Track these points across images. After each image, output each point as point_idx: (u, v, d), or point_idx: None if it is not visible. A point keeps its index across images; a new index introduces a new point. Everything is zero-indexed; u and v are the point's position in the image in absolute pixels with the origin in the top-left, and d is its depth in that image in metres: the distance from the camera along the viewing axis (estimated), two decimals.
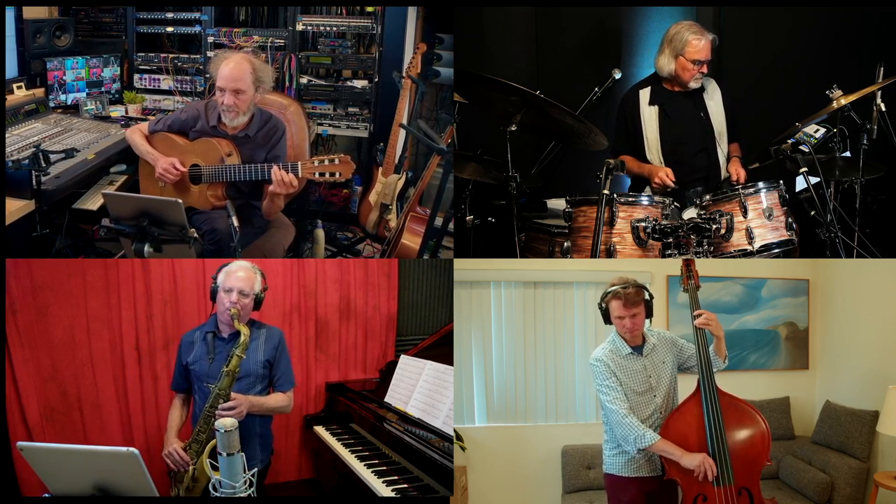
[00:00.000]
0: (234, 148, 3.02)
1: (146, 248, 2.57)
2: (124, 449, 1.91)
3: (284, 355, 2.70)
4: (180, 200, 2.56)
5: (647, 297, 2.47)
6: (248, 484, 2.06)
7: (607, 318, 2.50)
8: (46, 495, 2.08)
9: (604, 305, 2.49)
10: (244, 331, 2.45)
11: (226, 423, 2.03)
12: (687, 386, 2.50)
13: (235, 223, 2.70)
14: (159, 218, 2.58)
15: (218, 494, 2.05)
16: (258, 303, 2.60)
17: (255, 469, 2.13)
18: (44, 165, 2.79)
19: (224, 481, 2.04)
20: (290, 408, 2.72)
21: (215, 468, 2.25)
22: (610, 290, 2.46)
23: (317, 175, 2.84)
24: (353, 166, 2.85)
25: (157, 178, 3.01)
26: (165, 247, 2.62)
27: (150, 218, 2.58)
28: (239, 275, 2.55)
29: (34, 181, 2.79)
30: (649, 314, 2.48)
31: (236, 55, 3.01)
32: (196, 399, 2.64)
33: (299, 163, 2.85)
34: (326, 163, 2.82)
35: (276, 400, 2.65)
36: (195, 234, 2.63)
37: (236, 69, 2.93)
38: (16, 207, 2.83)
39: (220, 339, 2.60)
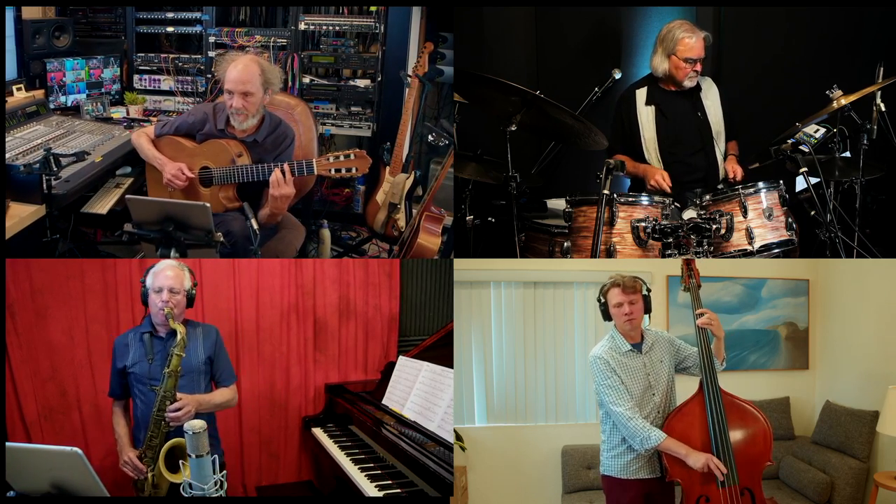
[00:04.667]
0: (244, 148, 2.97)
1: (172, 253, 2.56)
2: (68, 448, 1.92)
3: (223, 351, 2.68)
4: (208, 204, 2.54)
5: (644, 290, 2.48)
6: (218, 485, 2.06)
7: (606, 314, 2.51)
8: (10, 493, 2.10)
9: (602, 298, 2.50)
10: (180, 329, 2.42)
11: (194, 424, 2.03)
12: (685, 386, 2.50)
13: (255, 226, 2.67)
14: (184, 222, 2.56)
15: (187, 496, 2.06)
16: (190, 300, 2.56)
17: (225, 471, 2.13)
18: (55, 169, 2.74)
19: (194, 483, 2.04)
20: (235, 401, 2.71)
21: (173, 470, 2.26)
22: (608, 281, 2.49)
23: (332, 171, 2.80)
24: (369, 161, 2.81)
25: (165, 185, 2.98)
26: (190, 251, 2.60)
27: (175, 223, 2.55)
28: (167, 273, 2.51)
29: (44, 185, 2.75)
30: (648, 309, 2.50)
31: (244, 57, 2.97)
32: (137, 403, 2.57)
33: (314, 160, 2.83)
34: (342, 158, 2.79)
35: (223, 395, 2.63)
36: (221, 238, 2.59)
37: (245, 71, 2.89)
38: (27, 213, 2.77)
39: (157, 339, 2.55)
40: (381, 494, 2.46)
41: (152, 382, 2.46)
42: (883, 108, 3.25)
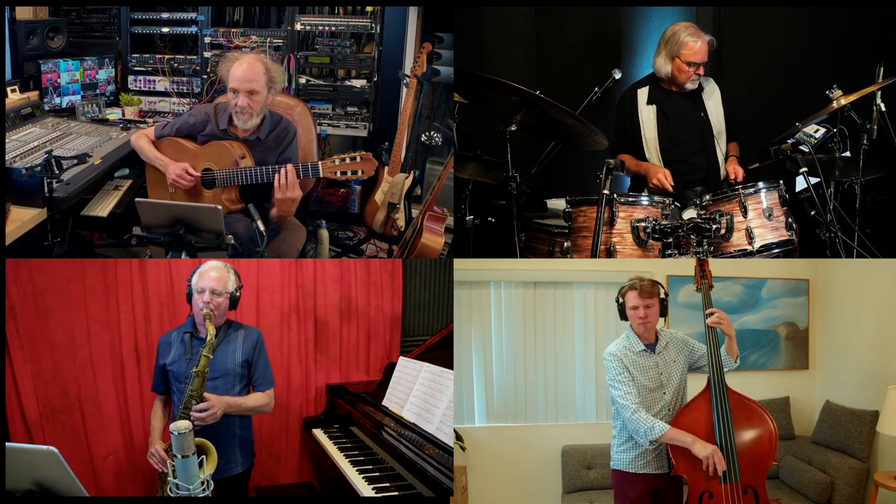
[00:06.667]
0: (247, 150, 2.96)
1: (182, 257, 2.55)
2: (44, 448, 1.92)
3: (263, 355, 2.67)
4: (219, 207, 2.53)
5: (662, 294, 2.52)
6: (204, 485, 2.06)
7: (623, 313, 2.55)
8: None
9: (620, 299, 2.55)
10: (210, 331, 2.43)
11: (179, 425, 2.04)
12: (696, 385, 2.51)
13: (261, 227, 2.65)
14: (194, 225, 2.54)
15: (173, 496, 2.06)
16: (234, 302, 2.56)
17: (209, 473, 2.12)
18: (56, 172, 2.71)
19: (181, 484, 2.03)
20: (271, 407, 2.69)
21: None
22: (627, 283, 2.54)
23: (338, 174, 2.79)
24: (375, 163, 2.81)
25: (170, 185, 2.95)
26: (200, 254, 2.59)
27: (185, 226, 2.54)
28: (211, 275, 2.52)
29: (46, 188, 2.72)
30: (664, 312, 2.54)
31: (248, 56, 2.96)
32: (174, 401, 2.60)
33: (320, 162, 2.81)
34: (348, 161, 2.78)
35: (256, 399, 2.62)
36: (232, 241, 2.57)
37: (250, 70, 2.88)
38: (28, 216, 2.74)
39: (197, 339, 2.56)
40: (376, 495, 2.45)
41: (187, 381, 2.46)
42: (883, 108, 3.24)
